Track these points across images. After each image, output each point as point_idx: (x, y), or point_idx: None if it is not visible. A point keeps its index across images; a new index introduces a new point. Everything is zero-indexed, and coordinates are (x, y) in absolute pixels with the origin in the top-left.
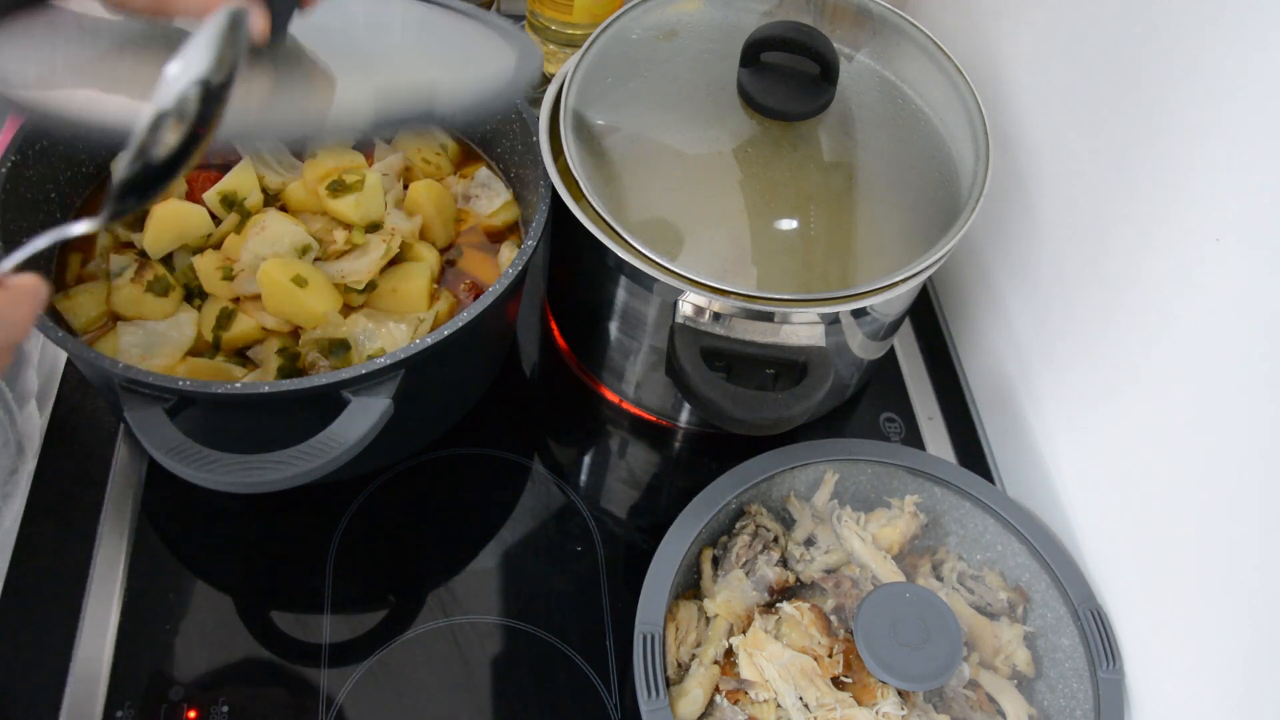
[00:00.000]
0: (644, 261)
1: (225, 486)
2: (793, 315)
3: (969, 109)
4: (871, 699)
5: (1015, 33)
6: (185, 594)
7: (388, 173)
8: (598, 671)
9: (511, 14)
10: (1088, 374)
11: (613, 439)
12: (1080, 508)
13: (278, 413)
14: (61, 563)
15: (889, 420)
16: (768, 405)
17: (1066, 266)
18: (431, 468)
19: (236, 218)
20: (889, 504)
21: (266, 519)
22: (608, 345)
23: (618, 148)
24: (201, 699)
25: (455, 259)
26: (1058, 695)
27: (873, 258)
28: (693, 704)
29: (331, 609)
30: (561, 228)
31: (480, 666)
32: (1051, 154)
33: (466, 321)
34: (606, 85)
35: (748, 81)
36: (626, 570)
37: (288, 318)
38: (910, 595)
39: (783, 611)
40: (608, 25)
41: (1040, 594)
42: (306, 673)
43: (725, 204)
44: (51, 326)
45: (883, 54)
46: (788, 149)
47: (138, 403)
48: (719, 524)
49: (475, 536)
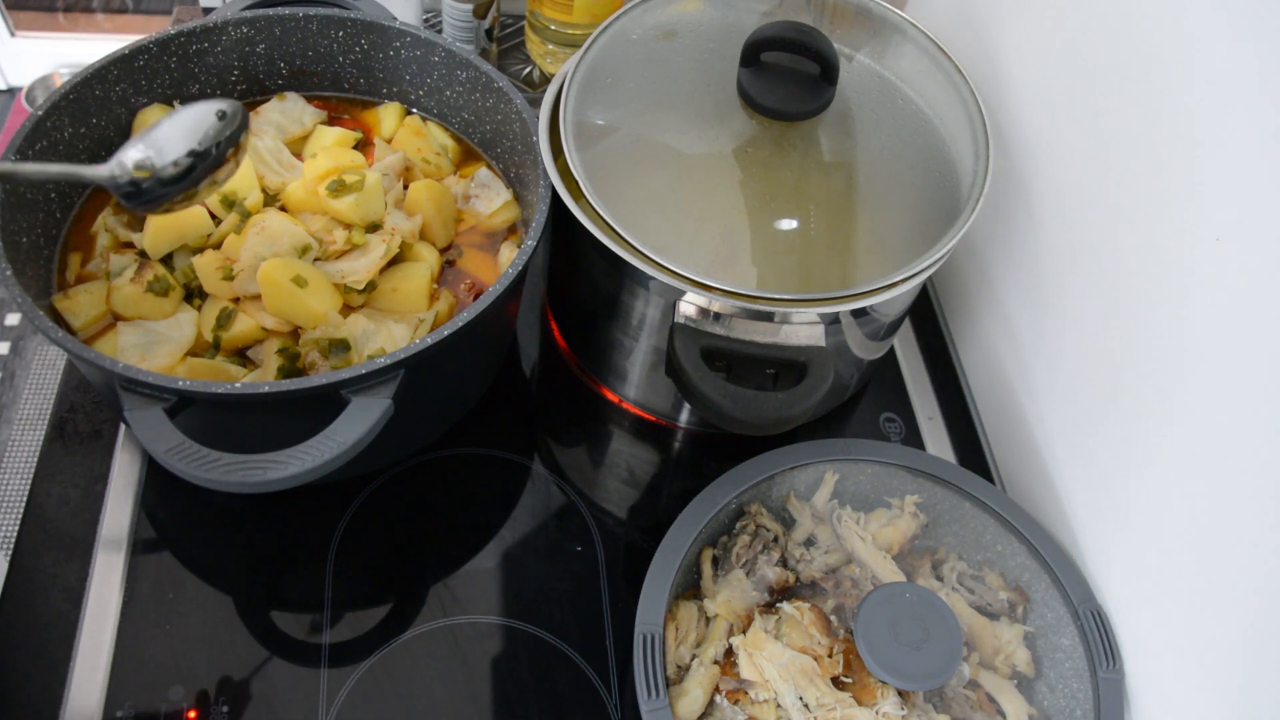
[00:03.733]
0: (644, 261)
1: (225, 486)
2: (793, 315)
3: (969, 109)
4: (871, 699)
5: (1015, 33)
6: (185, 594)
7: (388, 173)
8: (598, 671)
9: (511, 14)
10: (1088, 374)
11: (613, 439)
12: (1080, 508)
13: (278, 413)
14: (62, 563)
15: (889, 420)
16: (768, 405)
17: (1066, 266)
18: (431, 468)
19: (236, 218)
20: (889, 504)
21: (266, 519)
22: (608, 345)
23: (618, 148)
24: (201, 699)
25: (455, 259)
26: (1058, 695)
27: (873, 258)
28: (693, 704)
29: (331, 609)
30: (561, 228)
31: (480, 666)
32: (1051, 154)
33: (466, 321)
34: (606, 85)
35: (748, 81)
36: (626, 570)
37: (288, 318)
38: (910, 595)
39: (783, 611)
40: (608, 25)
41: (1040, 594)
42: (306, 673)
43: (725, 204)
44: (51, 326)
45: (883, 54)
46: (788, 149)
47: (138, 403)
48: (719, 524)
49: (475, 536)
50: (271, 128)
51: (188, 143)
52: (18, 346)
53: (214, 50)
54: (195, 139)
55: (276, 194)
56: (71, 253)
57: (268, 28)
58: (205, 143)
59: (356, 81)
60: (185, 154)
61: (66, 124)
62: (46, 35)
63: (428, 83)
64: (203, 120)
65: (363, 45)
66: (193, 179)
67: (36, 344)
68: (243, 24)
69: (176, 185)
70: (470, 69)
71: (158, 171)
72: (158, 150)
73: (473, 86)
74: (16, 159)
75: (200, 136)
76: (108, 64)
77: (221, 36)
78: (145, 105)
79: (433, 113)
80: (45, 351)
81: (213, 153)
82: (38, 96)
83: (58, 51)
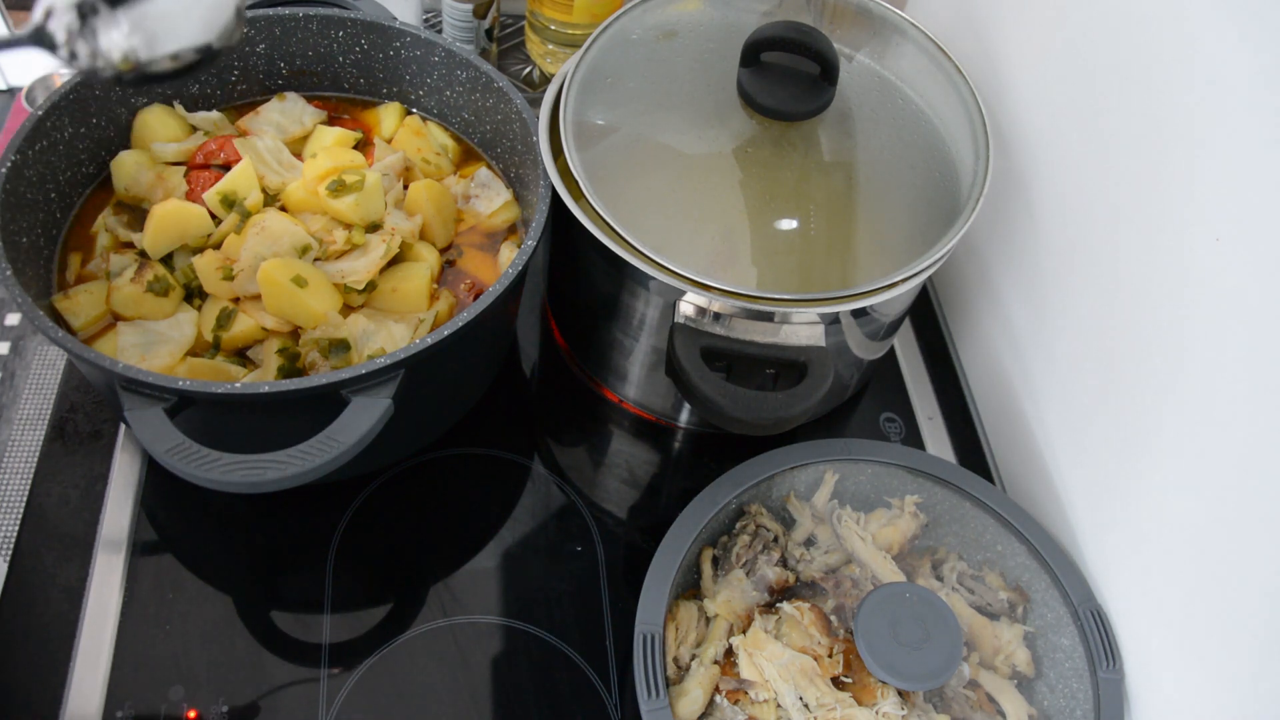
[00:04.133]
0: (644, 261)
1: (225, 486)
2: (793, 315)
3: (969, 109)
4: (871, 699)
5: (1015, 33)
6: (185, 594)
7: (388, 173)
8: (598, 671)
9: (511, 14)
10: (1087, 373)
11: (613, 439)
12: (1080, 508)
13: (278, 413)
14: (62, 562)
15: (889, 420)
16: (768, 405)
17: (1066, 266)
18: (431, 468)
19: (236, 218)
20: (889, 504)
21: (266, 519)
22: (608, 345)
23: (618, 148)
24: (201, 699)
25: (455, 259)
26: (1058, 695)
27: (873, 258)
28: (693, 704)
29: (331, 609)
30: (561, 228)
31: (480, 666)
32: (1051, 154)
33: (466, 321)
34: (606, 85)
35: (748, 81)
36: (626, 570)
37: (288, 318)
38: (910, 595)
39: (783, 611)
40: (608, 25)
41: (1040, 594)
42: (306, 673)
43: (725, 204)
44: (51, 326)
45: (883, 54)
46: (788, 149)
47: (138, 403)
48: (719, 524)
49: (475, 536)
50: (271, 128)
51: (203, 34)
52: (18, 346)
53: None
54: (213, 32)
55: (276, 194)
56: (71, 253)
57: (268, 28)
58: (223, 40)
59: (356, 81)
60: (194, 49)
61: (66, 124)
62: None
63: (428, 83)
64: (223, 8)
65: (363, 45)
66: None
67: (36, 344)
68: None
69: (168, 80)
70: (470, 69)
71: (143, 65)
72: (148, 41)
73: (473, 86)
74: (17, 159)
75: (219, 30)
76: None
77: None
78: (145, 105)
79: (433, 113)
80: (45, 351)
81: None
82: (38, 96)
83: None
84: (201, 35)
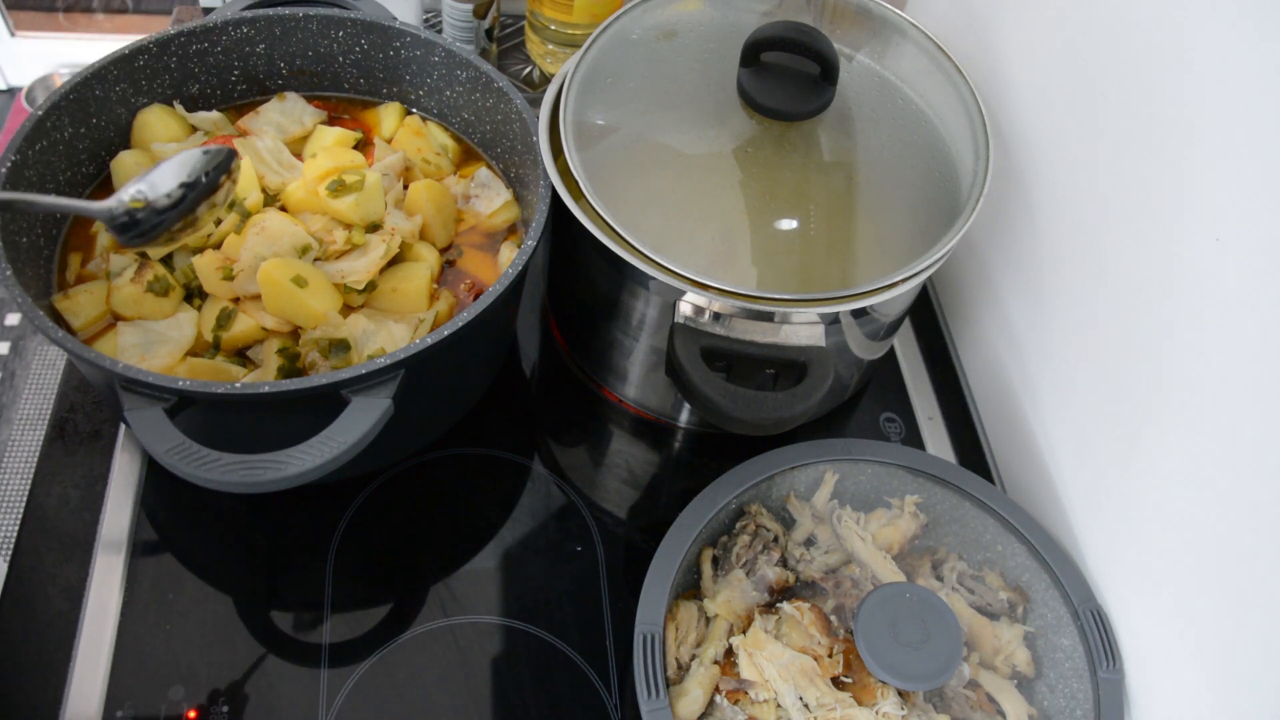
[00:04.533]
0: (644, 261)
1: (225, 486)
2: (793, 315)
3: (969, 109)
4: (871, 699)
5: (1015, 33)
6: (185, 594)
7: (388, 173)
8: (598, 671)
9: (511, 14)
10: (1088, 373)
11: (613, 439)
12: (1080, 508)
13: (278, 413)
14: (62, 563)
15: (889, 420)
16: (768, 405)
17: (1066, 266)
18: (431, 468)
19: (236, 218)
20: (889, 504)
21: (266, 519)
22: (608, 345)
23: (618, 148)
24: (201, 699)
25: (455, 259)
26: (1058, 695)
27: (873, 258)
28: (693, 704)
29: (331, 609)
30: (561, 228)
31: (480, 666)
32: (1051, 154)
33: (466, 321)
34: (606, 85)
35: (748, 81)
36: (626, 570)
37: (288, 318)
38: (910, 595)
39: (783, 611)
40: (608, 25)
41: (1040, 594)
42: (306, 673)
43: (725, 204)
44: (51, 326)
45: (883, 54)
46: (788, 149)
47: (138, 403)
48: (719, 524)
49: (475, 536)
50: (271, 128)
51: (178, 176)
52: (18, 346)
53: (214, 50)
54: (185, 172)
55: (276, 194)
56: (71, 253)
57: (268, 28)
58: (194, 174)
59: (356, 81)
60: (177, 185)
61: (66, 124)
62: (46, 35)
63: (428, 83)
64: (190, 157)
65: (363, 45)
66: (187, 205)
67: (36, 344)
68: (243, 24)
69: (173, 211)
70: (470, 69)
71: (152, 202)
72: (151, 185)
73: (473, 86)
74: (17, 159)
75: (189, 170)
76: (108, 64)
77: (221, 36)
78: (145, 105)
79: (433, 113)
80: (45, 351)
81: (202, 180)
82: (38, 96)
83: (58, 51)
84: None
